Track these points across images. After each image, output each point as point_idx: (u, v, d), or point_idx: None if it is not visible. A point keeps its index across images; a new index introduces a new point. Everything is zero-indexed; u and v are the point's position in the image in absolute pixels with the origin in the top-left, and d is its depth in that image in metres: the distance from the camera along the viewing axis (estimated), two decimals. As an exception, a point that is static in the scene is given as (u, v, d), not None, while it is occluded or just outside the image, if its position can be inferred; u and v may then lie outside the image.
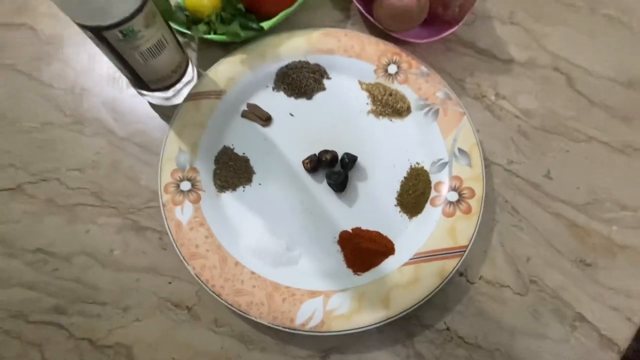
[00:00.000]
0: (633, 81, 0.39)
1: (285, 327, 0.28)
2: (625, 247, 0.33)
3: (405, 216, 0.33)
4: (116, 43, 0.27)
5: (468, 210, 0.31)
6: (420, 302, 0.28)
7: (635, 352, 0.31)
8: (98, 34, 0.26)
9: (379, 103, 0.36)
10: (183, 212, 0.31)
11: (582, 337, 0.30)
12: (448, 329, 0.30)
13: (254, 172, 0.34)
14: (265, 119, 0.36)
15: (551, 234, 0.33)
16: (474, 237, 0.30)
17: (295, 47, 0.37)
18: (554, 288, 0.31)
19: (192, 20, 0.37)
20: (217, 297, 0.29)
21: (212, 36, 0.36)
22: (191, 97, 0.35)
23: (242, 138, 0.35)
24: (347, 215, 0.32)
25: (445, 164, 0.33)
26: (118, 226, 0.34)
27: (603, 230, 0.33)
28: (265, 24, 0.36)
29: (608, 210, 0.34)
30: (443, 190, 0.33)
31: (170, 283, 0.32)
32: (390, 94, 0.36)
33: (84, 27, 0.26)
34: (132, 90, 0.38)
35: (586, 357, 0.29)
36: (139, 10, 0.27)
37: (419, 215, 0.32)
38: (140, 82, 0.32)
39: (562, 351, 0.29)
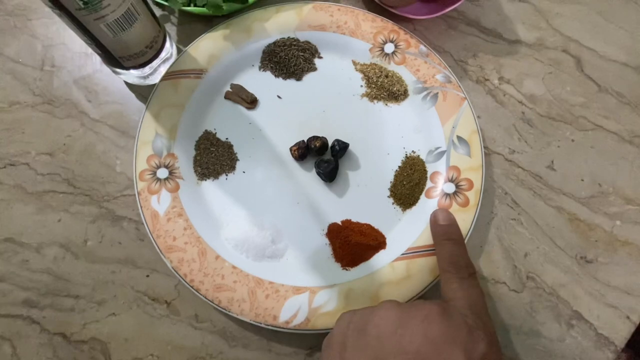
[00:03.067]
0: (647, 66, 0.36)
1: (268, 325, 0.26)
2: (627, 242, 0.31)
3: (398, 208, 0.31)
4: (77, 13, 0.24)
5: (465, 203, 0.29)
6: (411, 299, 0.27)
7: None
8: (55, 2, 0.23)
9: (373, 85, 0.34)
10: (160, 202, 0.29)
11: (578, 335, 0.29)
12: (439, 326, 0.29)
13: (237, 159, 0.32)
14: (251, 101, 0.33)
15: (552, 228, 0.31)
16: (470, 231, 0.29)
17: (283, 22, 0.34)
18: (552, 285, 0.30)
19: (170, -11, 0.34)
20: (196, 292, 0.27)
21: (192, 8, 0.33)
22: (169, 75, 0.32)
23: (225, 122, 0.33)
24: (337, 207, 0.30)
25: (442, 152, 0.31)
26: (92, 215, 0.31)
27: (606, 225, 0.31)
28: (250, -5, 0.33)
29: (612, 204, 0.32)
30: (439, 181, 0.30)
31: (147, 276, 0.30)
32: (387, 76, 0.33)
33: (39, -7, 0.23)
34: (106, 68, 0.35)
35: (581, 356, 0.28)
36: (101, -26, 0.23)
37: (413, 208, 0.30)
38: (111, 58, 0.30)
39: (557, 350, 0.28)
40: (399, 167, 0.32)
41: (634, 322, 0.29)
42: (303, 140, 0.32)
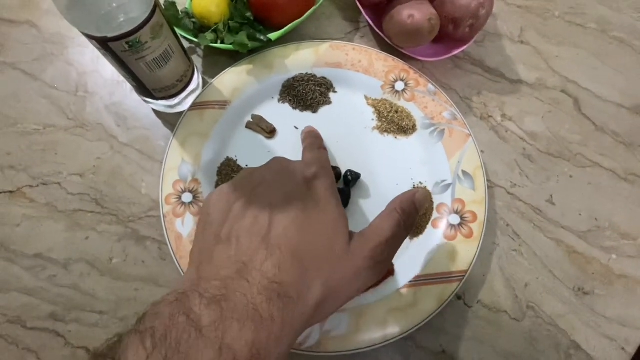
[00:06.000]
0: (640, 107, 0.39)
1: (282, 346, 0.28)
2: (622, 276, 0.33)
3: (406, 237, 0.32)
4: (122, 54, 0.27)
5: (469, 235, 0.31)
6: (417, 325, 0.28)
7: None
8: (103, 44, 0.26)
9: (384, 120, 0.36)
10: (184, 225, 0.31)
11: (576, 365, 0.30)
12: (444, 352, 0.30)
13: (256, 186, 0.34)
14: (270, 131, 0.36)
15: (551, 260, 0.33)
16: (474, 261, 0.30)
17: (302, 59, 0.37)
18: (551, 315, 0.31)
19: (200, 27, 0.37)
20: (215, 312, 0.29)
21: (219, 45, 0.35)
22: (195, 106, 0.35)
23: (246, 149, 0.35)
24: (348, 234, 0.32)
25: (448, 185, 0.33)
26: (118, 234, 0.33)
27: (602, 258, 0.33)
28: (273, 36, 0.35)
29: (608, 238, 0.34)
30: (445, 212, 0.32)
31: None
32: (397, 111, 0.36)
33: (89, 37, 0.26)
34: (136, 96, 0.37)
35: (579, 385, 0.29)
36: (146, 21, 0.26)
37: (420, 237, 0.32)
38: (145, 90, 0.32)
39: (556, 379, 0.30)
40: (407, 197, 0.34)
41: (629, 354, 0.30)
42: (318, 170, 0.34)
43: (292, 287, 0.18)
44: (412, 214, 0.23)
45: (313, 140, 0.30)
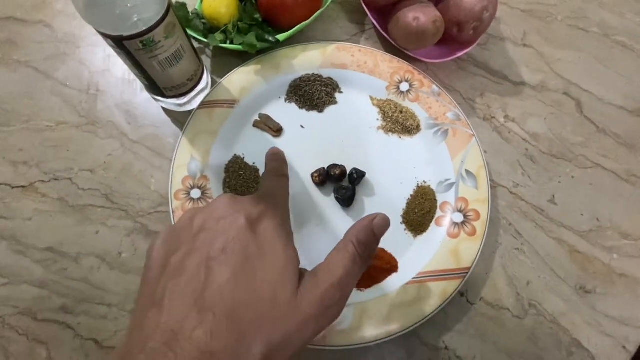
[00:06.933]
0: (642, 110, 0.39)
1: (287, 339, 0.28)
2: (623, 275, 0.33)
3: (410, 234, 0.33)
4: (136, 52, 0.28)
5: (472, 233, 0.31)
6: (421, 321, 0.29)
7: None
8: (119, 42, 0.27)
9: (389, 120, 0.37)
10: (192, 220, 0.32)
11: (577, 363, 0.30)
12: (447, 348, 0.31)
13: (263, 183, 0.35)
14: (277, 130, 0.36)
15: (553, 259, 0.33)
16: (477, 259, 0.31)
17: (309, 60, 0.38)
18: (553, 313, 0.32)
19: (209, 28, 0.37)
20: (222, 306, 0.29)
21: (228, 45, 0.36)
22: (205, 105, 0.35)
23: (253, 148, 0.36)
24: (353, 231, 0.33)
25: (452, 184, 0.34)
26: (127, 229, 0.34)
27: (604, 258, 0.33)
28: (281, 37, 0.36)
29: (610, 239, 0.34)
30: (449, 210, 0.33)
31: (176, 288, 0.32)
32: (401, 112, 0.37)
33: (105, 36, 0.27)
34: (146, 94, 0.38)
35: (580, 382, 0.30)
36: (160, 21, 0.27)
37: (424, 234, 0.33)
38: (156, 88, 0.33)
39: (557, 376, 0.30)
40: (411, 195, 0.34)
41: (629, 352, 0.31)
42: (323, 168, 0.34)
43: (226, 355, 0.17)
44: (370, 243, 0.21)
45: (275, 165, 0.27)
